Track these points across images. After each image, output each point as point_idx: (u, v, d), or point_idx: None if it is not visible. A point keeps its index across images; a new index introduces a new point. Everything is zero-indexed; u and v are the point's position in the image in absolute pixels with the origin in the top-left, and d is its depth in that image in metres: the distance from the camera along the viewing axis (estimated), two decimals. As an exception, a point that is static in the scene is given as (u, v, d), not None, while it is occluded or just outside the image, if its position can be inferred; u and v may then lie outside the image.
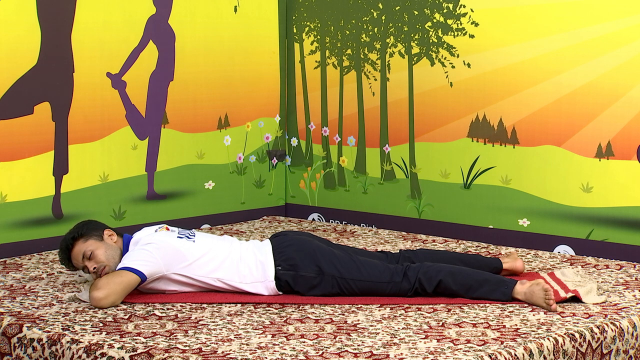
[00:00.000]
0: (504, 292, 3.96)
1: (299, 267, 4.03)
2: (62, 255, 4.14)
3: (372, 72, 5.70)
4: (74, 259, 4.11)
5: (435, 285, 3.98)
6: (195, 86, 5.62)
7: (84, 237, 4.11)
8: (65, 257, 4.13)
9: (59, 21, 5.03)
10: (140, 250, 4.02)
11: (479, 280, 4.00)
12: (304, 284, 4.03)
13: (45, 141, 5.04)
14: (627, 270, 4.54)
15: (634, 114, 4.79)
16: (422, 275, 3.99)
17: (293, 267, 4.04)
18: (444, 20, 5.38)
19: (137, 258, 3.97)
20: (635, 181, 4.83)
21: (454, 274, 4.00)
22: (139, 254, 4.00)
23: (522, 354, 3.32)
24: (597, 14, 4.87)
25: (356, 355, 3.26)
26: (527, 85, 5.13)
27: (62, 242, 4.14)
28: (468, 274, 4.02)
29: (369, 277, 4.03)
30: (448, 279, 3.98)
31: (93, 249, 4.07)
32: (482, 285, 3.98)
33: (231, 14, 5.75)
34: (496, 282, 4.00)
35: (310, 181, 6.03)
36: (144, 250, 4.01)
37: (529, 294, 3.92)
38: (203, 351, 3.31)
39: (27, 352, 3.54)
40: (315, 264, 4.04)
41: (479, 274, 4.03)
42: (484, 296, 3.97)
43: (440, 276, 3.98)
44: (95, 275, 4.06)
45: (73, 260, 4.12)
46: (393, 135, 5.66)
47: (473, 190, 5.37)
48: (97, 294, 3.85)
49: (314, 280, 4.02)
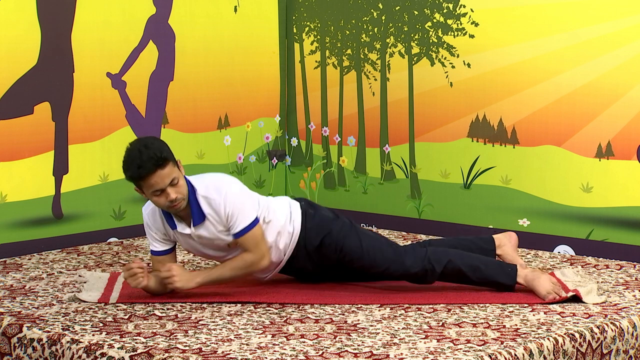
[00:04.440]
0: (509, 273, 4.05)
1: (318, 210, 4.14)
2: (148, 166, 3.74)
3: (372, 72, 5.70)
4: (161, 177, 3.75)
5: (444, 265, 4.03)
6: (195, 86, 5.62)
7: (173, 162, 3.81)
8: (149, 171, 3.74)
9: (59, 21, 5.03)
10: (240, 196, 3.93)
11: (484, 261, 4.09)
12: (319, 221, 4.08)
13: (45, 141, 5.04)
14: (627, 270, 4.54)
15: (634, 114, 4.79)
16: (432, 255, 4.06)
17: (312, 207, 4.15)
18: (444, 20, 5.38)
19: (248, 207, 3.93)
20: (635, 181, 4.83)
21: (462, 256, 4.08)
22: (244, 201, 3.93)
23: (522, 354, 3.32)
24: (597, 14, 4.87)
25: (356, 355, 3.26)
26: (527, 85, 5.13)
27: (148, 154, 3.75)
28: (474, 257, 4.11)
29: (385, 241, 4.12)
30: (457, 259, 4.05)
31: (179, 177, 3.80)
32: (488, 266, 4.07)
33: (231, 14, 5.75)
34: (500, 265, 4.11)
35: (310, 181, 6.03)
36: (240, 194, 3.94)
37: (531, 277, 4.01)
38: (203, 351, 3.31)
39: (27, 352, 3.54)
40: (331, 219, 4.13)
41: (483, 257, 4.14)
42: (490, 277, 4.04)
43: (450, 256, 4.05)
44: (170, 203, 3.81)
45: (155, 179, 3.75)
46: (393, 135, 5.66)
47: (473, 190, 5.37)
48: (265, 262, 3.94)
49: (330, 223, 4.08)
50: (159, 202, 3.85)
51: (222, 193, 3.90)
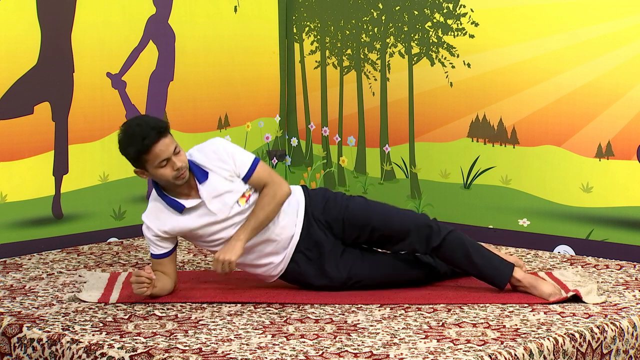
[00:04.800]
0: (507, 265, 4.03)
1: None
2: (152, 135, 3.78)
3: (372, 72, 5.70)
4: (166, 145, 3.80)
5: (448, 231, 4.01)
6: (195, 86, 5.62)
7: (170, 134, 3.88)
8: (154, 139, 3.78)
9: (59, 21, 5.03)
10: (228, 142, 4.05)
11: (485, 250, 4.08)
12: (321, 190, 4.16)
13: (45, 141, 5.04)
14: (627, 270, 4.54)
15: (634, 114, 4.79)
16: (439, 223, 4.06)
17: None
18: (444, 20, 5.38)
19: (241, 149, 4.04)
20: (635, 181, 4.83)
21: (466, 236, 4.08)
22: (235, 145, 4.05)
23: (522, 354, 3.32)
24: (597, 14, 4.87)
25: (356, 355, 3.26)
26: (527, 85, 5.13)
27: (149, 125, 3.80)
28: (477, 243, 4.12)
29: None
30: (461, 234, 4.05)
31: (178, 146, 3.88)
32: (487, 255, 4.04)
33: (231, 14, 5.76)
34: (499, 259, 4.07)
35: (310, 181, 6.03)
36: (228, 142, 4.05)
37: (530, 278, 3.99)
38: (203, 351, 3.31)
39: (27, 352, 3.54)
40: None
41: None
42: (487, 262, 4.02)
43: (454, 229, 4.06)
44: (177, 172, 3.84)
45: (160, 147, 3.79)
46: (393, 135, 5.66)
47: (473, 190, 5.37)
48: (286, 187, 4.00)
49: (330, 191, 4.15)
50: (164, 174, 3.86)
51: (211, 142, 4.03)
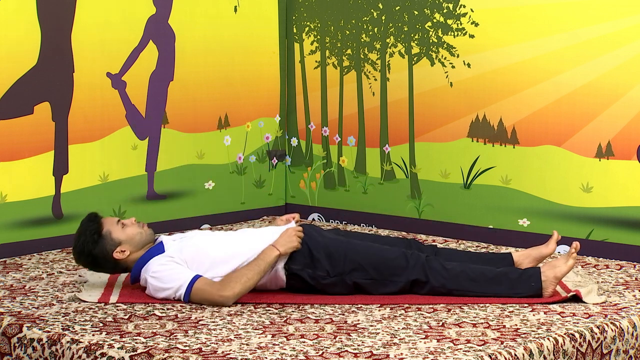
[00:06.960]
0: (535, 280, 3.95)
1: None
2: (92, 231, 4.07)
3: (372, 72, 5.70)
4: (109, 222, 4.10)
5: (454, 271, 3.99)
6: (195, 86, 5.62)
7: None
8: (96, 229, 4.07)
9: (59, 21, 5.03)
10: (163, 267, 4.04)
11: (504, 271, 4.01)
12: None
13: (45, 141, 5.04)
14: (627, 270, 4.54)
15: (634, 114, 4.79)
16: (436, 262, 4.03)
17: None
18: (444, 20, 5.38)
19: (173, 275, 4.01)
20: (635, 181, 4.83)
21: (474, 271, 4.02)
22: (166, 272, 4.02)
23: (522, 354, 3.32)
24: (597, 14, 4.87)
25: (356, 355, 3.26)
26: (527, 85, 5.13)
27: (85, 233, 4.08)
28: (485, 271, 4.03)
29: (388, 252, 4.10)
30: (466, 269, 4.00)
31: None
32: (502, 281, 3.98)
33: (231, 14, 5.76)
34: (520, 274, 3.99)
35: (310, 181, 6.03)
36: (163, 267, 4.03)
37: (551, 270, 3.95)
38: (203, 351, 3.31)
39: (27, 352, 3.54)
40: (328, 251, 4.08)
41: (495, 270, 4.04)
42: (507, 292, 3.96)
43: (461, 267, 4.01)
44: (139, 223, 4.11)
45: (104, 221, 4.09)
46: (393, 135, 5.66)
47: (473, 190, 5.37)
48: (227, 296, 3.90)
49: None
50: (132, 231, 4.13)
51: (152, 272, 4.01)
